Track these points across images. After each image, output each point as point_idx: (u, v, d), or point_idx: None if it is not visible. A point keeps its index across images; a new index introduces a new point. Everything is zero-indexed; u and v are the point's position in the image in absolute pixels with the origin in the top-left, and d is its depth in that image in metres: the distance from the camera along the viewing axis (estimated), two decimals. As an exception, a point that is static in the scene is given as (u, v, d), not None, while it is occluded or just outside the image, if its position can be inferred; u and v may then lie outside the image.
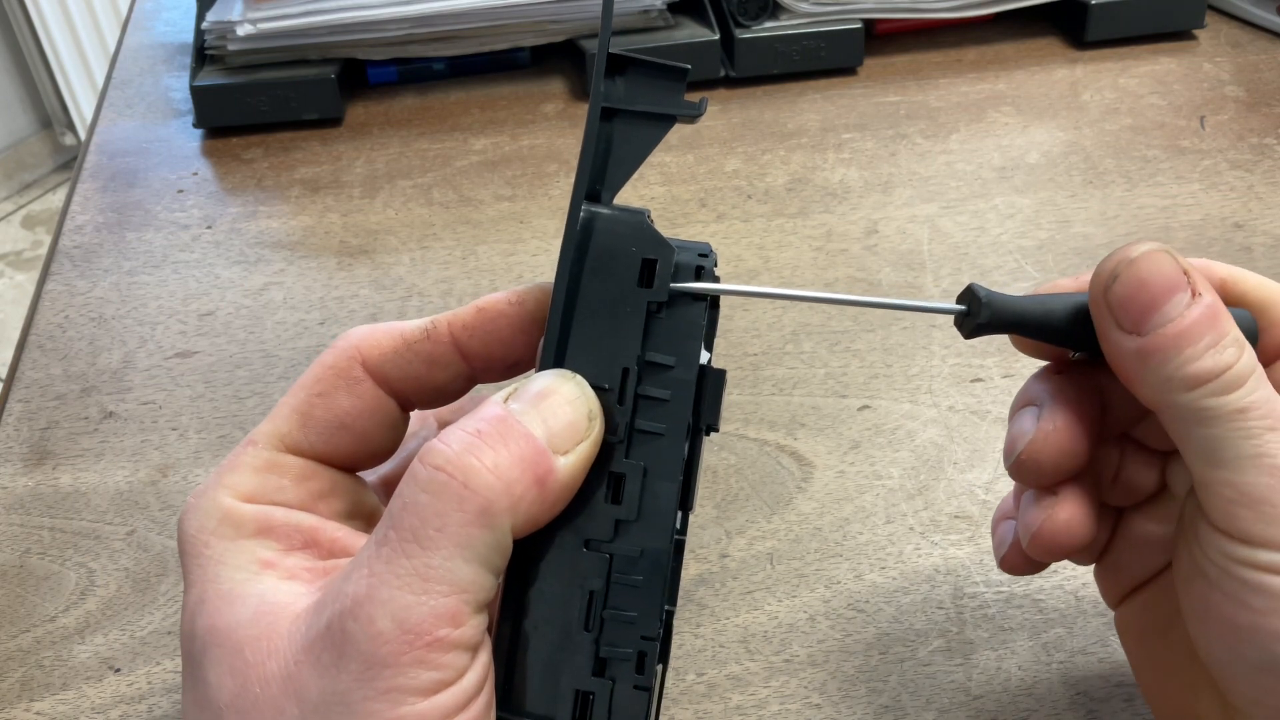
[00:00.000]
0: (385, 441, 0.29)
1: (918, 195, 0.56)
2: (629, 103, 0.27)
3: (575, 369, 0.26)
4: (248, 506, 0.26)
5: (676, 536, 0.26)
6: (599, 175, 0.27)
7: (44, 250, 1.69)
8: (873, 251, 0.52)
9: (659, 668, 0.26)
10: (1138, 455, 0.30)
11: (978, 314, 0.27)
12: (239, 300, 0.51)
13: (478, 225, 0.55)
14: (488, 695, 0.24)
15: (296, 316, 0.50)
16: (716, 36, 0.64)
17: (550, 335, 0.26)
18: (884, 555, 0.38)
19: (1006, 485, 0.40)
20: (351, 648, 0.22)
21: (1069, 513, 0.28)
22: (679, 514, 0.26)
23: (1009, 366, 0.45)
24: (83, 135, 2.04)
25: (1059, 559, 0.29)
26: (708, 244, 0.27)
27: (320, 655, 0.23)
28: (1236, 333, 0.25)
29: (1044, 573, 0.37)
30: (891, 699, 0.34)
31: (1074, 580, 0.37)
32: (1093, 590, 0.37)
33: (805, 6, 0.64)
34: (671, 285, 0.26)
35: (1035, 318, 0.27)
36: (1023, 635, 0.36)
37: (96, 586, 0.39)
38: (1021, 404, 0.29)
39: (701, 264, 0.26)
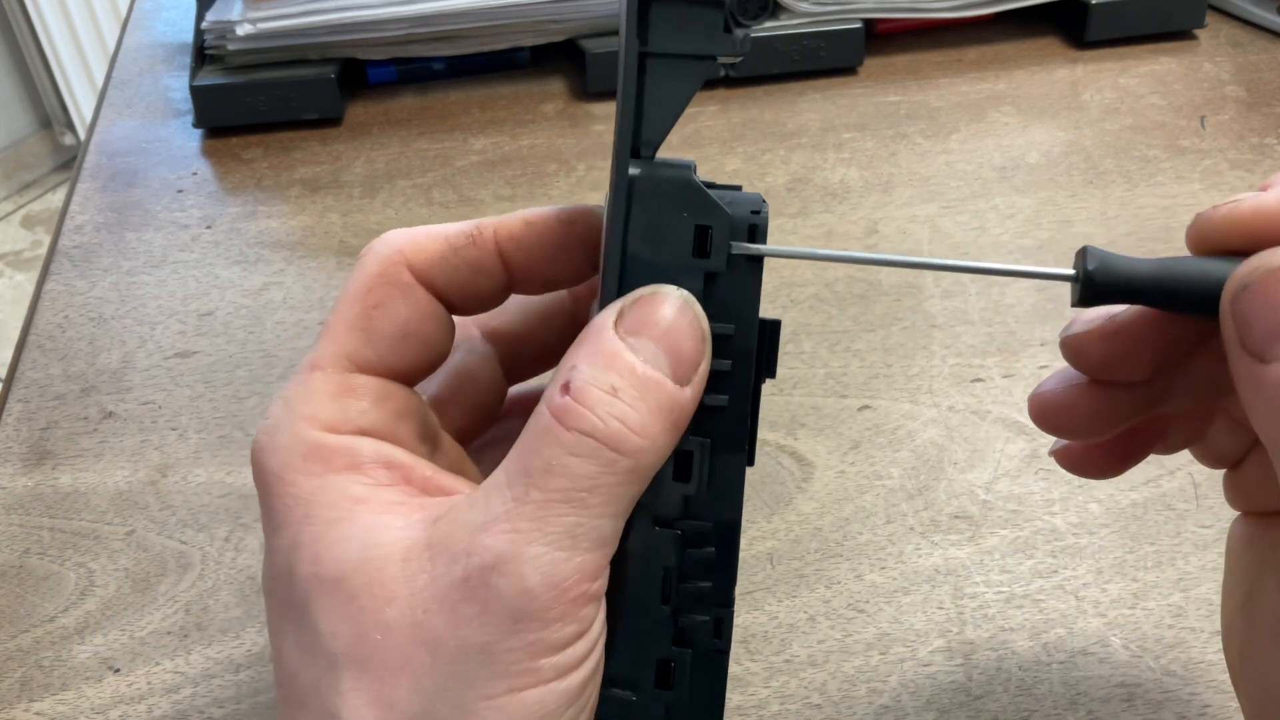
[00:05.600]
0: (444, 346, 0.28)
1: (918, 195, 0.56)
2: (660, 45, 0.24)
3: None
4: (333, 438, 0.25)
5: None
6: (636, 130, 0.24)
7: (44, 250, 1.69)
8: (873, 251, 0.52)
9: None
10: None
11: (1087, 281, 0.24)
12: (239, 300, 0.51)
13: (478, 225, 0.55)
14: (604, 640, 0.24)
15: (296, 316, 0.50)
16: (716, 36, 0.64)
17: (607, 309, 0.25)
18: (884, 555, 0.38)
19: (1007, 485, 0.40)
20: (498, 603, 0.22)
21: (1075, 397, 0.26)
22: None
23: (1009, 366, 0.45)
24: (82, 135, 2.04)
25: (1047, 430, 0.28)
26: (759, 195, 0.25)
27: (458, 607, 0.23)
28: None
29: (1044, 573, 0.37)
30: (891, 699, 0.34)
31: (1074, 580, 0.37)
32: (1093, 591, 0.37)
33: (805, 6, 0.64)
34: (733, 247, 0.24)
35: (1158, 285, 0.24)
36: (1023, 635, 0.36)
37: (96, 587, 0.39)
38: None
39: (755, 221, 0.24)
